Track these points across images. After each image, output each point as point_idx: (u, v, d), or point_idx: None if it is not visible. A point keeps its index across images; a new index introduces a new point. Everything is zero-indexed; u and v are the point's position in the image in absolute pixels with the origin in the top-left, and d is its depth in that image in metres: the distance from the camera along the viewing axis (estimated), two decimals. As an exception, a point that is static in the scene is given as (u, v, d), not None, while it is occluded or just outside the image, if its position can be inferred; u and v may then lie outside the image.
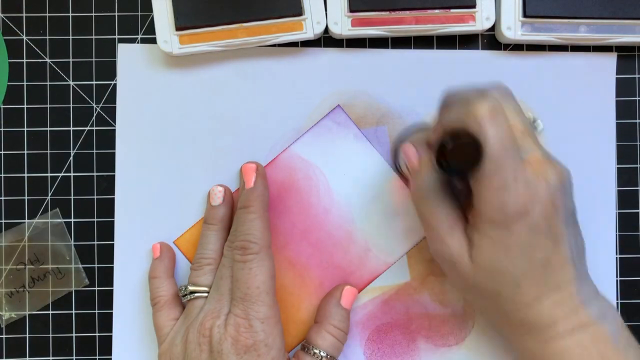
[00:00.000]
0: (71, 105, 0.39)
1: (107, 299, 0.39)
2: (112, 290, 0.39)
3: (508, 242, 0.30)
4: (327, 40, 0.39)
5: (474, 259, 0.31)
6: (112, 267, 0.39)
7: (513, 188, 0.29)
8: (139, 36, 0.39)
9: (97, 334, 0.39)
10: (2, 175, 0.39)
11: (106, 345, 0.39)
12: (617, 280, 0.39)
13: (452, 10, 0.38)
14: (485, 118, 0.29)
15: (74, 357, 0.39)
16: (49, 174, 0.39)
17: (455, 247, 0.32)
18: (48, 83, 0.39)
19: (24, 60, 0.39)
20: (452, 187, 0.33)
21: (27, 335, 0.39)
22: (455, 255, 0.31)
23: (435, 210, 0.32)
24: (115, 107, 0.39)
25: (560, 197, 0.30)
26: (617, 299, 0.39)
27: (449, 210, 0.32)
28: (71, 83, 0.39)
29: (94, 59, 0.39)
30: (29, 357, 0.39)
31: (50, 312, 0.39)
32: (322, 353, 0.35)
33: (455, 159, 0.30)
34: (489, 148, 0.29)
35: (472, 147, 0.29)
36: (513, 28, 0.38)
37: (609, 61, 0.39)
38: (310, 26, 0.38)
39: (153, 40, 0.39)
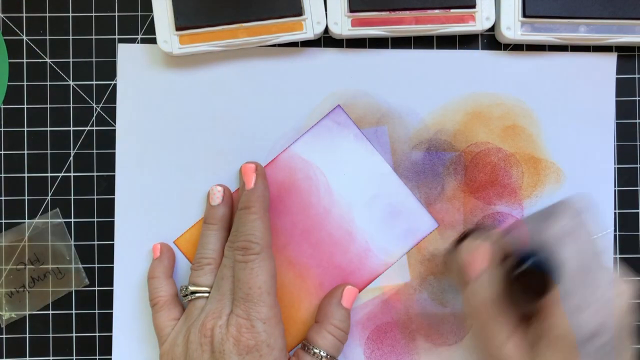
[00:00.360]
0: (71, 105, 0.39)
1: (107, 299, 0.39)
2: (112, 290, 0.39)
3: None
4: (327, 40, 0.39)
5: None
6: (112, 267, 0.39)
7: (587, 312, 0.29)
8: (139, 36, 0.39)
9: (97, 334, 0.39)
10: (2, 175, 0.39)
11: (106, 345, 0.39)
12: (616, 280, 0.39)
13: (452, 10, 0.38)
14: (566, 237, 0.30)
15: (74, 357, 0.39)
16: (49, 174, 0.39)
17: (512, 355, 0.31)
18: (48, 83, 0.39)
19: (24, 60, 0.39)
20: (509, 301, 0.32)
21: (27, 335, 0.39)
22: None
23: (493, 319, 0.31)
24: (115, 107, 0.39)
25: (626, 318, 0.30)
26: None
27: (505, 320, 0.31)
28: (71, 83, 0.39)
29: (94, 59, 0.39)
30: (29, 357, 0.39)
31: (50, 312, 0.39)
32: (322, 353, 0.35)
33: (526, 282, 0.30)
34: (568, 269, 0.29)
35: (545, 270, 0.29)
36: (513, 28, 0.38)
37: (609, 61, 0.39)
38: (310, 26, 0.38)
39: (153, 40, 0.39)
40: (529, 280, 0.30)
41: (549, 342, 0.30)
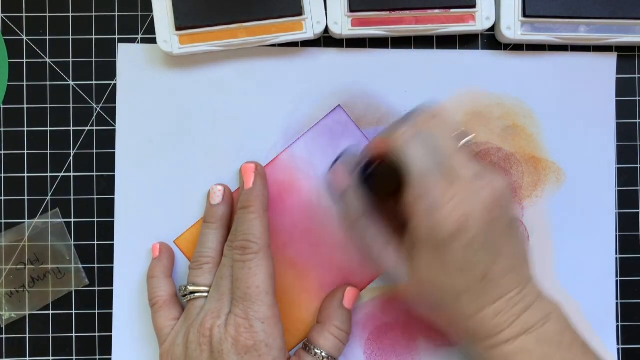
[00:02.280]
0: (71, 105, 0.39)
1: (107, 299, 0.39)
2: (112, 290, 0.39)
3: (444, 262, 0.30)
4: (327, 40, 0.39)
5: (412, 275, 0.32)
6: (112, 267, 0.39)
7: (443, 210, 0.30)
8: (139, 36, 0.39)
9: (97, 334, 0.39)
10: (2, 175, 0.39)
11: (106, 345, 0.39)
12: (617, 280, 0.39)
13: (452, 10, 0.38)
14: (406, 142, 0.30)
15: (74, 357, 0.39)
16: (49, 174, 0.39)
17: (392, 261, 0.33)
18: (48, 83, 0.39)
19: (24, 60, 0.39)
20: (382, 211, 0.34)
21: (27, 335, 0.39)
22: (394, 268, 0.33)
23: (367, 229, 0.33)
24: (115, 107, 0.39)
25: (495, 210, 0.30)
26: (617, 299, 0.39)
27: (381, 228, 0.33)
28: (71, 83, 0.39)
29: (94, 59, 0.39)
30: (29, 357, 0.39)
31: (50, 312, 0.39)
32: (323, 353, 0.35)
33: (376, 183, 0.31)
34: (411, 171, 0.30)
35: (393, 172, 0.30)
36: (513, 28, 0.38)
37: (609, 61, 0.39)
38: (310, 26, 0.38)
39: (153, 40, 0.39)
40: (379, 184, 0.31)
41: (417, 243, 0.31)
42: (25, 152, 0.39)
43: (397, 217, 0.33)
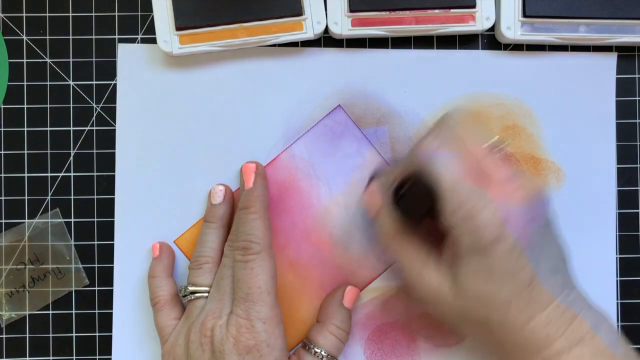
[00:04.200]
0: (71, 105, 0.39)
1: (107, 299, 0.39)
2: (112, 290, 0.39)
3: (490, 268, 0.29)
4: (327, 40, 0.39)
5: (458, 289, 0.30)
6: (112, 267, 0.39)
7: (482, 215, 0.29)
8: (139, 36, 0.39)
9: (97, 334, 0.39)
10: (2, 175, 0.39)
11: (106, 345, 0.39)
12: (617, 280, 0.39)
13: (452, 10, 0.38)
14: (431, 155, 0.30)
15: (74, 357, 0.39)
16: (49, 174, 0.39)
17: (433, 279, 0.31)
18: (48, 83, 0.39)
19: (24, 60, 0.39)
20: (418, 229, 0.33)
21: (27, 335, 0.39)
22: (434, 287, 0.31)
23: (404, 249, 0.32)
24: (115, 107, 0.39)
25: (532, 211, 0.30)
26: (617, 299, 0.39)
27: (418, 246, 0.32)
28: (71, 83, 0.39)
29: (94, 59, 0.39)
30: (29, 357, 0.39)
31: (50, 312, 0.39)
32: (323, 352, 0.35)
33: (410, 204, 0.30)
34: (442, 183, 0.29)
35: (426, 189, 0.30)
36: (513, 28, 0.38)
37: (609, 61, 0.39)
38: (310, 26, 0.38)
39: (153, 40, 0.39)
40: (413, 202, 0.30)
41: (460, 255, 0.30)
42: (25, 152, 0.39)
43: (434, 234, 0.32)
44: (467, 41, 0.39)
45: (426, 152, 0.30)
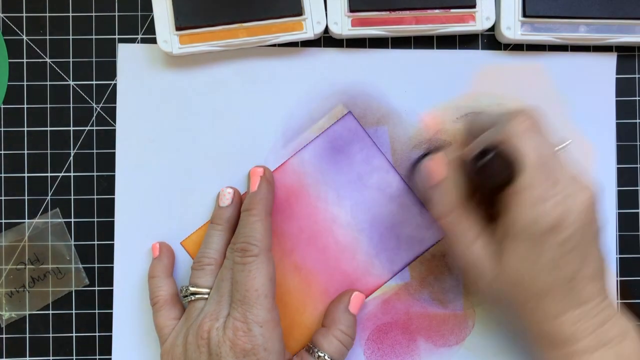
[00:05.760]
0: (71, 105, 0.39)
1: (107, 299, 0.39)
2: (112, 290, 0.39)
3: (538, 256, 0.30)
4: (327, 40, 0.39)
5: (501, 270, 0.31)
6: (112, 267, 0.39)
7: (547, 203, 0.30)
8: (139, 36, 0.39)
9: (97, 334, 0.39)
10: (2, 175, 0.39)
11: (106, 345, 0.39)
12: (617, 280, 0.39)
13: (452, 10, 0.38)
14: (525, 133, 0.30)
15: (74, 357, 0.39)
16: (49, 174, 0.39)
17: (480, 256, 0.32)
18: (48, 83, 0.39)
19: (24, 60, 0.39)
20: (476, 203, 0.33)
21: (27, 335, 0.39)
22: (480, 263, 0.32)
23: (460, 220, 0.33)
24: (115, 107, 0.39)
25: (589, 214, 0.31)
26: (617, 299, 0.39)
27: (473, 220, 0.33)
28: (71, 83, 0.39)
29: (94, 59, 0.39)
30: (29, 357, 0.39)
31: (50, 312, 0.39)
32: (326, 356, 0.35)
33: (489, 174, 0.31)
34: (527, 161, 0.30)
35: (507, 162, 0.30)
36: (513, 28, 0.38)
37: (609, 61, 0.39)
38: (310, 26, 0.38)
39: (153, 40, 0.39)
40: (491, 171, 0.31)
41: (513, 235, 0.31)
42: (25, 152, 0.39)
43: (489, 211, 0.33)
44: (467, 41, 0.39)
45: (518, 127, 0.31)
